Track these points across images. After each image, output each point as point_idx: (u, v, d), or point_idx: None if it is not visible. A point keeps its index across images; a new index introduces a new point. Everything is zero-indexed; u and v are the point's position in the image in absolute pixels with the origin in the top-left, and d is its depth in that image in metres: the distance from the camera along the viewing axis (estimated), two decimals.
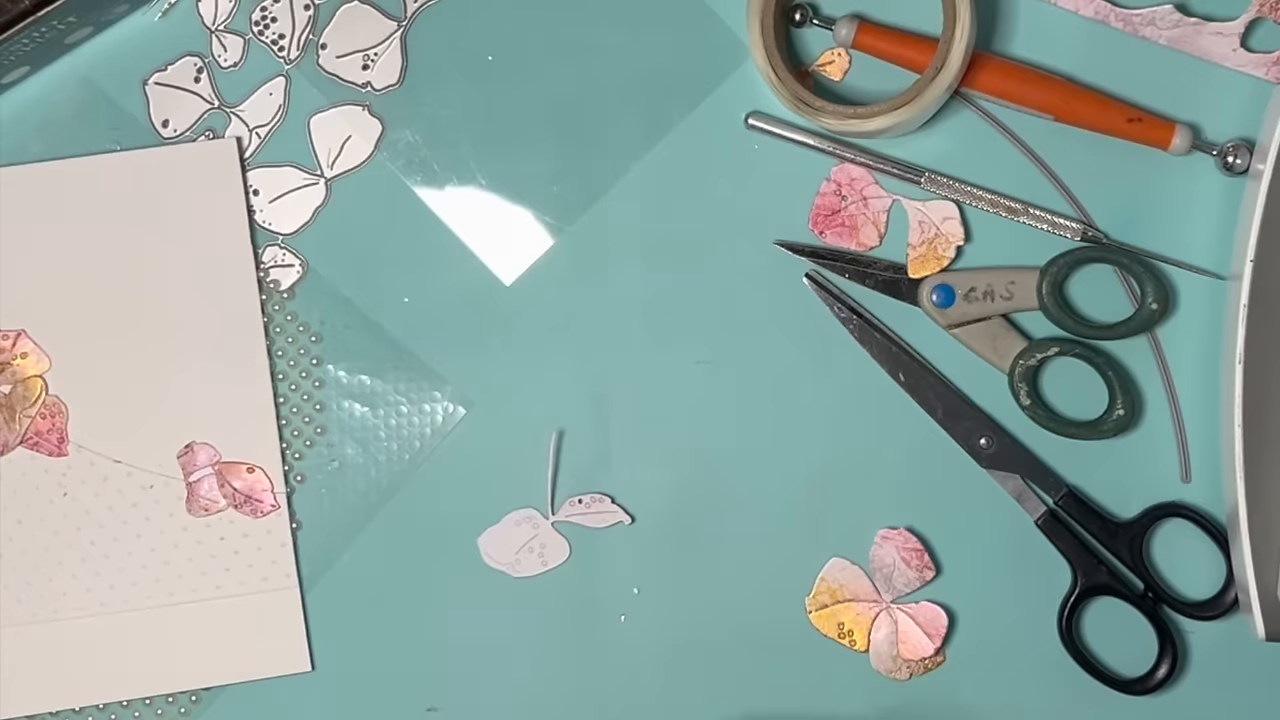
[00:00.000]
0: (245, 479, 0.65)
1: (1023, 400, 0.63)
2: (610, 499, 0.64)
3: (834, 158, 0.64)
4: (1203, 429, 0.64)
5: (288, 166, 0.65)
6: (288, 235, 0.65)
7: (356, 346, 0.65)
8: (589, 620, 0.65)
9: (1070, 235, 0.63)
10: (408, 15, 0.65)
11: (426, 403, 0.65)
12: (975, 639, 0.64)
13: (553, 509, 0.64)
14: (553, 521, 0.64)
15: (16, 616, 0.64)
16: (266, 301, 0.65)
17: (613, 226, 0.65)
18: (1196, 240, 0.64)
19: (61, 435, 0.64)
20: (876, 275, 0.64)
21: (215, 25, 0.65)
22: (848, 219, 0.64)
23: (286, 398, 0.65)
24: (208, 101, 0.65)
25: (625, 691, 0.64)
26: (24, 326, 0.65)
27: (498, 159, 0.65)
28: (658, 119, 0.65)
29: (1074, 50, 0.64)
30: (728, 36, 0.65)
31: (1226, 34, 0.63)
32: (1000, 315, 0.64)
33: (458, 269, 0.65)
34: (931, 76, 0.60)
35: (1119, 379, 0.63)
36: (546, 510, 0.64)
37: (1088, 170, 0.64)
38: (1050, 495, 0.64)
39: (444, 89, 0.65)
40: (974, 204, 0.64)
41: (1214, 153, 0.63)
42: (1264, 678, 0.64)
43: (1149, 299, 0.63)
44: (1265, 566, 0.59)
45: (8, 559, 0.64)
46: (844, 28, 0.63)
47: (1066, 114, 0.63)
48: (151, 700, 0.65)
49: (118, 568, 0.65)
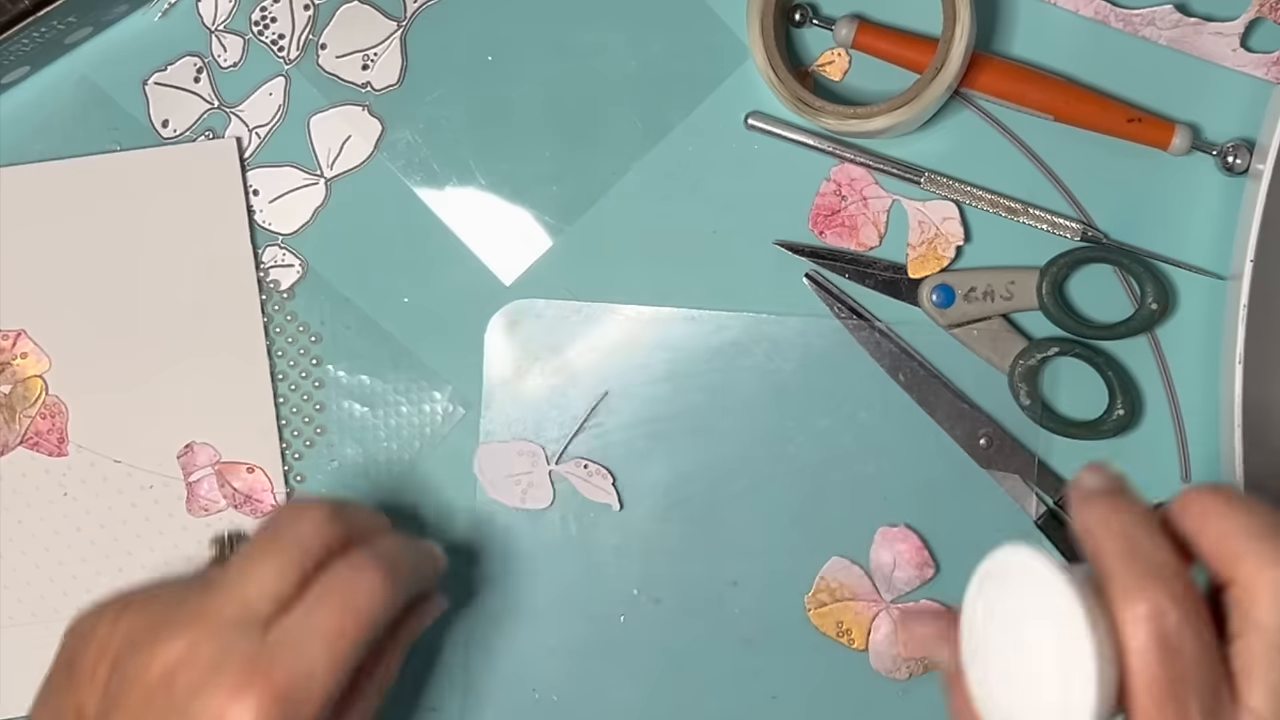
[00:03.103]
0: (245, 479, 0.65)
1: (1023, 400, 0.63)
2: (613, 480, 0.64)
3: (834, 158, 0.64)
4: (1203, 429, 0.64)
5: (288, 166, 0.65)
6: (288, 235, 0.65)
7: (356, 346, 0.65)
8: (589, 620, 0.65)
9: (1070, 235, 0.63)
10: (408, 15, 0.65)
11: (426, 403, 0.65)
12: None
13: (559, 458, 0.64)
14: (550, 469, 0.64)
15: (16, 616, 0.64)
16: (266, 301, 0.65)
17: (613, 226, 0.65)
18: (1196, 240, 0.64)
19: (61, 435, 0.64)
20: (876, 275, 0.64)
21: (215, 25, 0.65)
22: (848, 219, 0.64)
23: (286, 398, 0.65)
24: (208, 101, 0.65)
25: (625, 691, 0.64)
26: (24, 326, 0.65)
27: (498, 159, 0.65)
28: (658, 119, 0.65)
29: (1074, 50, 0.64)
30: (728, 36, 0.65)
31: (1226, 34, 0.63)
32: (1000, 315, 0.64)
33: (458, 269, 0.65)
34: (931, 76, 0.60)
35: (1119, 379, 0.63)
36: (552, 455, 0.64)
37: (1088, 170, 0.64)
38: (1050, 495, 0.64)
39: (444, 89, 0.65)
40: (974, 204, 0.64)
41: (1214, 153, 0.63)
42: None
43: (1149, 299, 0.63)
44: None
45: (8, 559, 0.64)
46: (844, 28, 0.63)
47: (1066, 114, 0.63)
48: None
49: (118, 568, 0.65)
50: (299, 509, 0.54)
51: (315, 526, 0.53)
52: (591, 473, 0.64)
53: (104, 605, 0.55)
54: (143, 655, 0.51)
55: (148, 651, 0.51)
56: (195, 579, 0.55)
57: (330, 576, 0.52)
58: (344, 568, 0.53)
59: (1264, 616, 0.43)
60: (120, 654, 0.52)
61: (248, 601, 0.52)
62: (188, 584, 0.54)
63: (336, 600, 0.52)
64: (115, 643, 0.53)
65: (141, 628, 0.52)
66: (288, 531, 0.53)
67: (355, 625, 0.52)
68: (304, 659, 0.50)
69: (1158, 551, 0.44)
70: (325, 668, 0.51)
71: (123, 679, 0.51)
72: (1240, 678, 0.43)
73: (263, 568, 0.52)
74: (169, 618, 0.52)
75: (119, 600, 0.54)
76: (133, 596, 0.54)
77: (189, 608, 0.52)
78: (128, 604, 0.54)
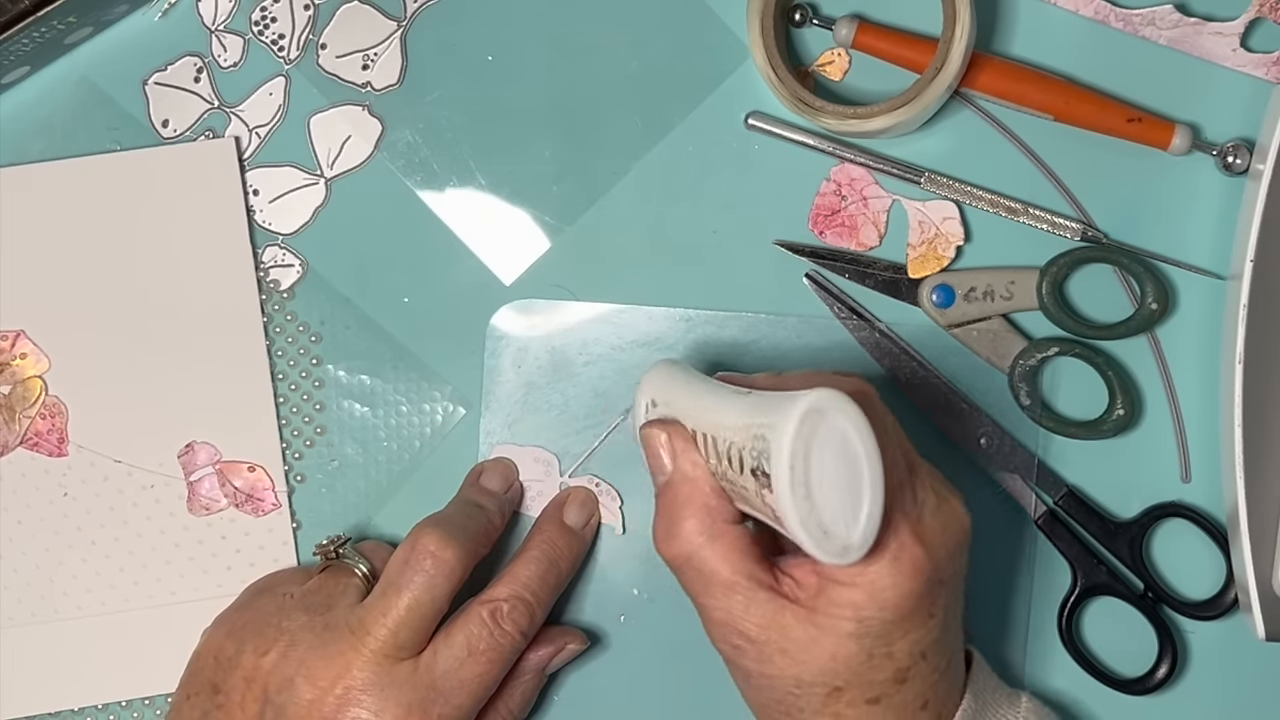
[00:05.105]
0: (246, 478, 0.65)
1: (1023, 400, 0.63)
2: (620, 504, 0.64)
3: (834, 158, 0.64)
4: (1203, 429, 0.64)
5: (288, 166, 0.65)
6: (288, 235, 0.65)
7: (356, 346, 0.65)
8: (588, 620, 0.65)
9: (1070, 235, 0.63)
10: (408, 15, 0.65)
11: (426, 403, 0.65)
12: (975, 639, 0.64)
13: (572, 472, 0.64)
14: (562, 481, 0.64)
15: (16, 616, 0.64)
16: (266, 301, 0.65)
17: (613, 226, 0.65)
18: (1196, 240, 0.64)
19: (61, 435, 0.65)
20: (876, 275, 0.64)
21: (215, 25, 0.65)
22: (848, 219, 0.64)
23: (286, 398, 0.65)
24: (207, 101, 0.65)
25: (625, 691, 0.64)
26: (24, 326, 0.65)
27: (498, 159, 0.65)
28: (658, 119, 0.65)
29: (1074, 50, 0.64)
30: (728, 36, 0.65)
31: (1226, 34, 0.63)
32: (1000, 315, 0.64)
33: (458, 269, 0.65)
34: (931, 76, 0.60)
35: (1119, 379, 0.63)
36: (566, 467, 0.64)
37: (1088, 170, 0.64)
38: (1050, 495, 0.64)
39: (444, 89, 0.65)
40: (974, 204, 0.64)
41: (1214, 153, 0.63)
42: (1264, 678, 0.64)
43: (1149, 299, 0.63)
44: (1265, 566, 0.59)
45: (8, 559, 0.64)
46: (844, 28, 0.63)
47: (1066, 114, 0.63)
48: (151, 700, 0.65)
49: (118, 567, 0.65)
50: (437, 541, 0.58)
51: (453, 568, 0.57)
52: (602, 492, 0.64)
53: (237, 630, 0.58)
54: (299, 691, 0.56)
55: (304, 689, 0.56)
56: (323, 605, 0.58)
57: (476, 628, 0.57)
58: (489, 619, 0.58)
59: None
60: (271, 687, 0.56)
61: (399, 645, 0.57)
62: (326, 620, 0.58)
63: (484, 659, 0.57)
64: (262, 676, 0.57)
65: (293, 662, 0.56)
66: (423, 572, 0.57)
67: (497, 674, 0.58)
68: (454, 706, 0.57)
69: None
70: (469, 712, 0.58)
71: (279, 714, 0.56)
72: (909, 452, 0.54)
73: (408, 611, 0.56)
74: (321, 656, 0.56)
75: (251, 626, 0.58)
76: (266, 624, 0.58)
77: (339, 648, 0.56)
78: (265, 634, 0.57)
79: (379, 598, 0.57)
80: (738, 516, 0.53)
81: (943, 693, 0.54)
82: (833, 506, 0.49)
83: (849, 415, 0.49)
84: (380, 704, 0.56)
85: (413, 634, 0.57)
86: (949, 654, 0.54)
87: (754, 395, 0.52)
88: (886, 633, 0.51)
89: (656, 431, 0.54)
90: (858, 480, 0.49)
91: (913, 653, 0.52)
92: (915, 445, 0.55)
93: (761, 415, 0.50)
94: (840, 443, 0.49)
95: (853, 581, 0.51)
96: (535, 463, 0.64)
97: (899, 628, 0.51)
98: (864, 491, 0.49)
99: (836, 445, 0.49)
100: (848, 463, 0.49)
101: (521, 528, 0.64)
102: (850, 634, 0.51)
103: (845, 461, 0.49)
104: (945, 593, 0.53)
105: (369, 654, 0.56)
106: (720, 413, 0.52)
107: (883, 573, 0.51)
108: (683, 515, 0.53)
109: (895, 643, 0.52)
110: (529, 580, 0.59)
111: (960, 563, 0.54)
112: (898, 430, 0.54)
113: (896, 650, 0.52)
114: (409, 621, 0.56)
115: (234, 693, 0.57)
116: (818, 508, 0.49)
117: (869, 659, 0.52)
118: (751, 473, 0.50)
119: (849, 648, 0.51)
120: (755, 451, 0.50)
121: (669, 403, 0.55)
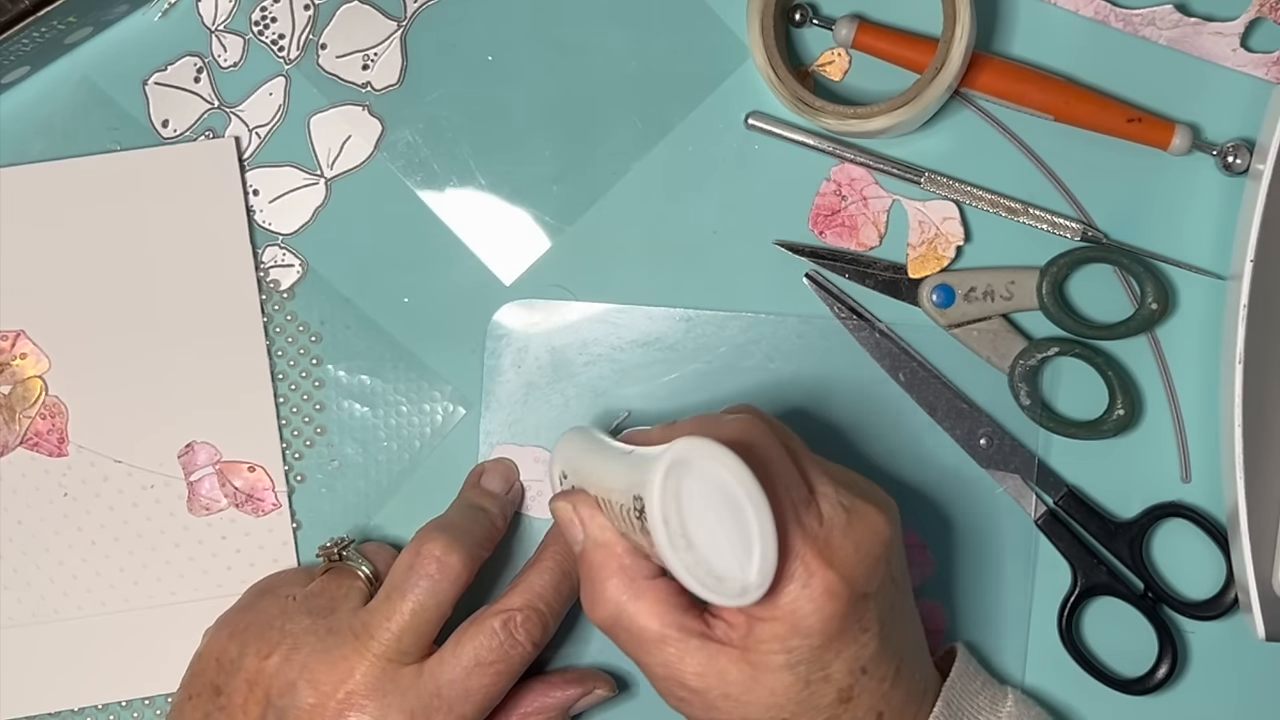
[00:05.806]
0: (246, 478, 0.65)
1: (1023, 400, 0.63)
2: None
3: (834, 158, 0.64)
4: (1203, 429, 0.64)
5: (288, 166, 0.65)
6: (288, 235, 0.65)
7: (356, 346, 0.65)
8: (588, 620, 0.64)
9: (1070, 235, 0.63)
10: (408, 15, 0.65)
11: (426, 403, 0.65)
12: (974, 639, 0.64)
13: None
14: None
15: (16, 616, 0.64)
16: (266, 301, 0.65)
17: (613, 226, 0.65)
18: (1196, 240, 0.64)
19: (61, 435, 0.65)
20: (876, 275, 0.64)
21: (215, 25, 0.65)
22: (848, 219, 0.64)
23: (286, 398, 0.65)
24: (208, 101, 0.65)
25: (625, 689, 0.64)
26: (24, 326, 0.65)
27: (498, 159, 0.65)
28: (658, 119, 0.65)
29: (1074, 50, 0.64)
30: (728, 36, 0.65)
31: (1226, 34, 0.63)
32: (1000, 315, 0.64)
33: (458, 269, 0.65)
34: (931, 76, 0.60)
35: (1119, 379, 0.63)
36: None
37: (1088, 170, 0.64)
38: (1050, 495, 0.64)
39: (444, 89, 0.65)
40: (974, 204, 0.64)
41: (1214, 153, 0.63)
42: (1264, 678, 0.64)
43: (1149, 299, 0.63)
44: (1265, 566, 0.59)
45: (8, 559, 0.64)
46: (844, 28, 0.63)
47: (1066, 114, 0.63)
48: (151, 700, 0.65)
49: (119, 567, 0.65)
50: (442, 547, 0.57)
51: (458, 573, 0.57)
52: None
53: (240, 632, 0.58)
54: (301, 695, 0.56)
55: (307, 693, 0.56)
56: (326, 608, 0.58)
57: (487, 638, 0.57)
58: (501, 629, 0.57)
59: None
60: (273, 691, 0.56)
61: (403, 650, 0.56)
62: (330, 624, 0.57)
63: (492, 670, 0.57)
64: (265, 679, 0.57)
65: (295, 666, 0.56)
66: (427, 577, 0.57)
67: (504, 685, 0.57)
68: (458, 715, 0.56)
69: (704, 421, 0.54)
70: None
71: (281, 717, 0.56)
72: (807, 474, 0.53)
73: (412, 616, 0.57)
74: (324, 660, 0.56)
75: (253, 628, 0.58)
76: (269, 626, 0.58)
77: (342, 652, 0.56)
78: (268, 637, 0.57)
79: (383, 602, 0.57)
80: (656, 571, 0.53)
81: (898, 700, 0.54)
82: (721, 550, 0.48)
83: (719, 459, 0.48)
84: (382, 710, 0.56)
85: (417, 639, 0.57)
86: (896, 661, 0.54)
87: (634, 454, 0.51)
88: (817, 658, 0.51)
89: (563, 504, 0.55)
90: (743, 520, 0.48)
91: (852, 670, 0.52)
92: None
93: (636, 474, 0.50)
94: (717, 487, 0.48)
95: (772, 615, 0.51)
96: (535, 463, 0.64)
97: (829, 650, 0.52)
98: (752, 530, 0.48)
99: (713, 490, 0.48)
100: (729, 505, 0.48)
101: (521, 528, 0.65)
102: (782, 666, 0.51)
103: (726, 504, 0.48)
104: (874, 605, 0.53)
105: (372, 659, 0.56)
106: (609, 476, 0.52)
107: (798, 600, 0.51)
108: (602, 579, 0.53)
109: (830, 665, 0.52)
110: (543, 590, 0.59)
111: (885, 571, 0.53)
112: (798, 452, 0.54)
113: (834, 672, 0.52)
114: (413, 627, 0.56)
115: (236, 695, 0.57)
116: (704, 556, 0.48)
117: (806, 686, 0.52)
118: (642, 530, 0.50)
119: (784, 680, 0.51)
120: (637, 510, 0.50)
121: (576, 471, 0.55)
